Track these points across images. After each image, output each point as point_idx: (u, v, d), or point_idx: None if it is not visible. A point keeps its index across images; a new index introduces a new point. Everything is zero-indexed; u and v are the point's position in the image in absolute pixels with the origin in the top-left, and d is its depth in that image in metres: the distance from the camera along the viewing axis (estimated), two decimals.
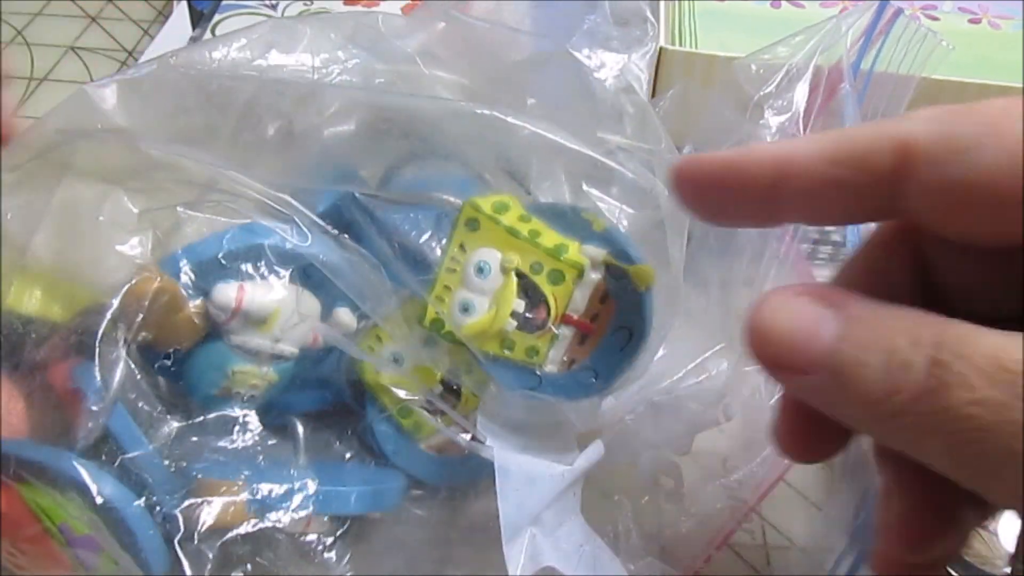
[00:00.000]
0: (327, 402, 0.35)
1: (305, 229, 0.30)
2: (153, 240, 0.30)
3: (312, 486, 0.30)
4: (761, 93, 0.35)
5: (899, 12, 0.35)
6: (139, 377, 0.29)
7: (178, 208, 0.30)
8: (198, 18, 0.57)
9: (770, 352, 0.18)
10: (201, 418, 0.30)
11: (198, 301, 0.30)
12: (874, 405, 0.16)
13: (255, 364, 0.31)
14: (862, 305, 0.17)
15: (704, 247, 0.35)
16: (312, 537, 0.31)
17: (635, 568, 0.33)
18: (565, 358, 0.30)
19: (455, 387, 0.32)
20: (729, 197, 0.19)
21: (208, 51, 0.31)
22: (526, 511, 0.28)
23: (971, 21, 0.49)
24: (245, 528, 0.29)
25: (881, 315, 0.17)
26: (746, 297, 0.35)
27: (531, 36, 0.35)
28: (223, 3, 0.56)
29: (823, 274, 0.44)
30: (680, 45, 0.45)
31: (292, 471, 0.31)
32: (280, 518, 0.29)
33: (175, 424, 0.30)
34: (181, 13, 0.58)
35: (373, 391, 0.33)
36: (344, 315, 0.32)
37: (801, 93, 0.35)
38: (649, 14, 0.35)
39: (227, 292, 0.30)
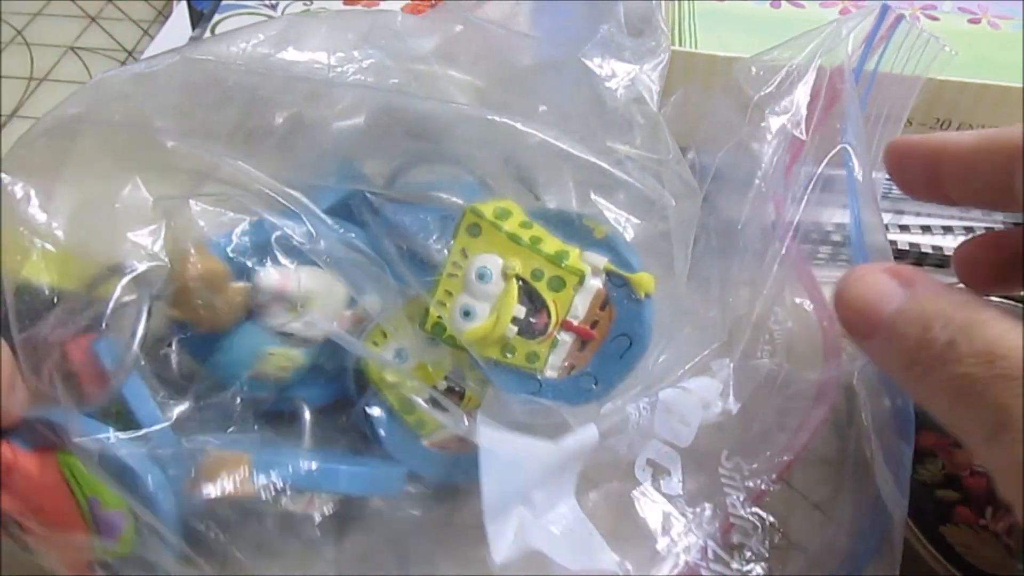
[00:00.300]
0: (335, 394, 0.35)
1: (311, 228, 0.30)
2: (167, 229, 0.31)
3: (315, 463, 0.31)
4: (761, 95, 0.35)
5: (901, 18, 0.35)
6: (161, 351, 0.30)
7: (191, 200, 0.31)
8: (198, 18, 0.56)
9: (847, 315, 0.22)
10: (203, 403, 0.31)
11: (239, 284, 0.30)
12: (907, 368, 0.20)
13: (288, 347, 0.31)
14: (928, 286, 0.21)
15: (704, 247, 0.35)
16: (311, 528, 0.31)
17: (632, 566, 0.33)
18: (565, 364, 0.30)
19: (457, 389, 0.33)
20: (930, 172, 0.24)
21: (225, 45, 0.32)
22: (509, 488, 0.28)
23: (971, 21, 0.49)
24: (249, 503, 0.29)
25: (935, 296, 0.20)
26: (746, 297, 0.36)
27: (544, 43, 0.35)
28: (223, 3, 0.56)
29: (823, 274, 0.44)
30: (680, 45, 0.45)
31: (297, 455, 0.31)
32: (283, 498, 0.30)
33: (185, 406, 0.31)
34: (181, 13, 0.58)
35: (377, 386, 0.33)
36: (372, 303, 0.32)
37: (802, 95, 0.35)
38: (662, 23, 0.35)
39: (271, 275, 0.30)
